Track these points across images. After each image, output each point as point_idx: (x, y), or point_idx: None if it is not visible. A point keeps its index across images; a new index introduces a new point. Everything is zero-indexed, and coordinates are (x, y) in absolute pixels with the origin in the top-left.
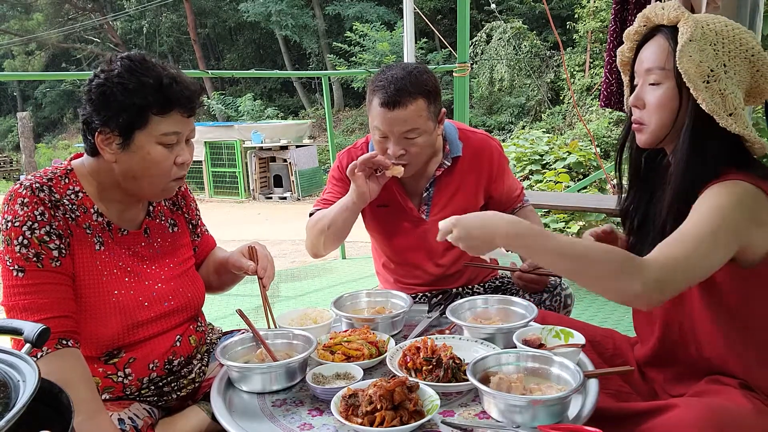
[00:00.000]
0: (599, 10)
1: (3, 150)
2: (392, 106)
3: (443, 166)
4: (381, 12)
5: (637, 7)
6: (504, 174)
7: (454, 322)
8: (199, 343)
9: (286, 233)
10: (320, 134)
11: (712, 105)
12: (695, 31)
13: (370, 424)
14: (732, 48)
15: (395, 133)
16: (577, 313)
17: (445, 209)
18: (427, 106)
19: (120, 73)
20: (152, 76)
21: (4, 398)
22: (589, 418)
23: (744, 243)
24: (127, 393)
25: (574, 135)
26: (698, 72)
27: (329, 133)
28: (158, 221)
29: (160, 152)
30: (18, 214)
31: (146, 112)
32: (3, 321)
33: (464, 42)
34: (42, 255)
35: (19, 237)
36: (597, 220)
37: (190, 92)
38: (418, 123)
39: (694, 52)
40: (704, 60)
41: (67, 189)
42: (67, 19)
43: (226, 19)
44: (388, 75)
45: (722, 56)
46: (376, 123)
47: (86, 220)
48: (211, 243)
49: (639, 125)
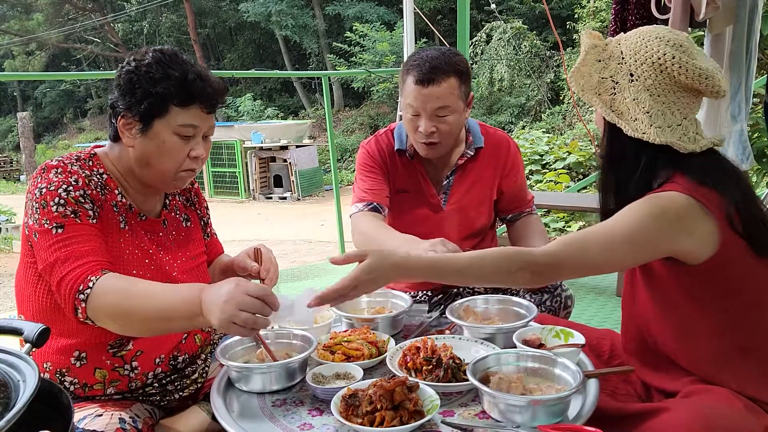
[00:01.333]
0: (599, 10)
1: (3, 150)
2: (426, 83)
3: (466, 155)
4: (381, 12)
5: (638, 7)
6: (517, 173)
7: (454, 322)
8: (204, 343)
9: (286, 233)
10: (320, 134)
11: (607, 113)
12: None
13: (370, 424)
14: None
15: (428, 110)
16: (576, 313)
17: (464, 199)
18: (459, 85)
19: (149, 63)
20: (179, 69)
21: (4, 398)
22: (588, 418)
23: (669, 251)
24: (131, 388)
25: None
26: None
27: (329, 133)
28: (174, 214)
29: (175, 142)
30: (53, 181)
31: (167, 102)
32: (3, 321)
33: (464, 42)
34: (79, 212)
35: (55, 198)
36: (597, 220)
37: (213, 90)
38: (450, 101)
39: (590, 66)
40: (600, 72)
41: (93, 169)
42: (68, 20)
43: (226, 19)
44: (423, 55)
45: (624, 68)
46: (409, 101)
47: (113, 198)
48: (218, 248)
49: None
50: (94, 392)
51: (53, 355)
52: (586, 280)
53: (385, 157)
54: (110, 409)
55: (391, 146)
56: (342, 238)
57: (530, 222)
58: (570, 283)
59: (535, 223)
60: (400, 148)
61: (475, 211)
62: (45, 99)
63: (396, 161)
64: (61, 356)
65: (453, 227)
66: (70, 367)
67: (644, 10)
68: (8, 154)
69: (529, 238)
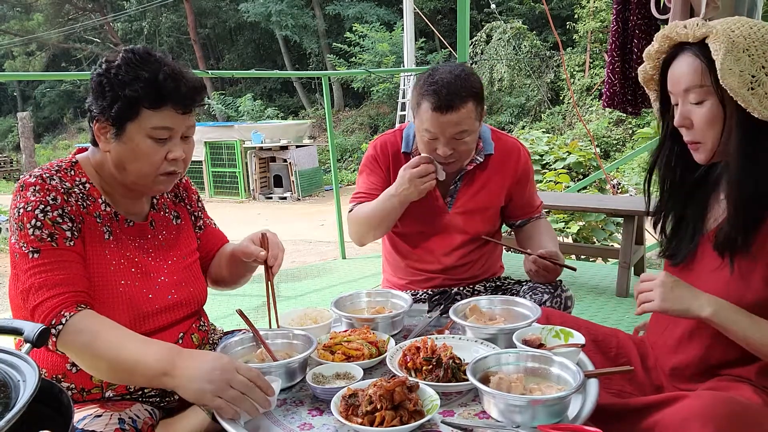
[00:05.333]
0: (599, 10)
1: (3, 150)
2: (445, 110)
3: (475, 161)
4: (381, 12)
5: (639, 7)
6: (528, 181)
7: (457, 321)
8: (201, 342)
9: (286, 233)
10: (320, 134)
11: (763, 110)
12: (728, 44)
13: (370, 424)
14: (765, 49)
15: (446, 135)
16: (576, 313)
17: (469, 203)
18: (476, 107)
19: (119, 65)
20: (149, 70)
21: (4, 398)
22: (592, 417)
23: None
24: (130, 390)
25: (574, 135)
26: (741, 82)
27: (329, 133)
28: (162, 213)
29: (149, 145)
30: (30, 200)
31: (138, 105)
32: (3, 321)
33: (464, 42)
34: (56, 235)
35: (32, 220)
36: (597, 220)
37: (188, 89)
38: (467, 124)
39: (733, 65)
40: (744, 69)
41: (75, 180)
42: (68, 20)
43: (226, 20)
44: (438, 79)
45: (758, 59)
46: (426, 126)
47: (96, 209)
48: (219, 237)
49: (695, 144)
50: (92, 396)
51: (48, 362)
52: (586, 279)
53: (390, 158)
54: (110, 410)
55: (397, 147)
56: (342, 238)
57: (539, 224)
58: (570, 283)
59: (544, 226)
60: (406, 151)
61: (481, 216)
62: (45, 99)
63: (401, 163)
64: (56, 363)
65: (457, 230)
66: (66, 373)
67: (646, 10)
68: (8, 154)
69: (538, 239)
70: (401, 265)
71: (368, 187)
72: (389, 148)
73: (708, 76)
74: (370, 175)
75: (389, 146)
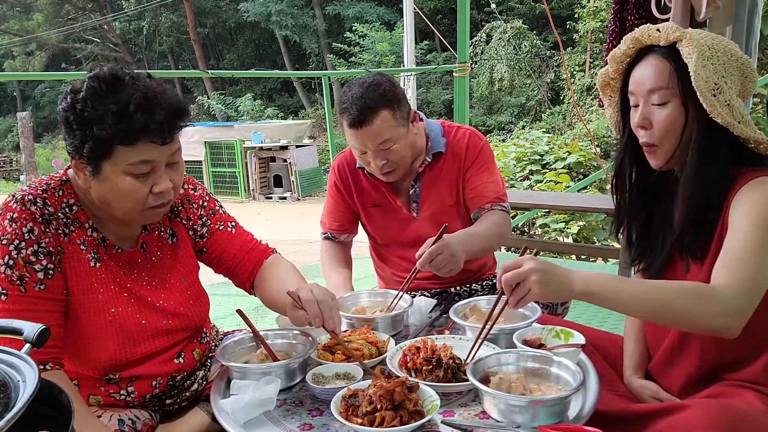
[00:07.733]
0: (599, 10)
1: (3, 150)
2: (359, 125)
3: (425, 162)
4: (381, 12)
5: (637, 7)
6: (480, 166)
7: (455, 321)
8: (202, 355)
9: (286, 233)
10: (320, 134)
11: (726, 117)
12: (699, 49)
13: (370, 424)
14: (725, 59)
15: (370, 148)
16: (576, 313)
17: (433, 206)
18: (393, 114)
19: (84, 98)
20: (117, 101)
21: (4, 398)
22: (594, 421)
23: None
24: (129, 407)
25: (574, 135)
26: (707, 87)
27: (329, 133)
28: (156, 233)
29: (129, 183)
30: (6, 231)
31: (110, 143)
32: (3, 321)
33: (464, 42)
34: (26, 278)
35: (5, 257)
36: (597, 220)
37: (165, 116)
38: (388, 133)
39: (701, 69)
40: (709, 75)
41: (62, 202)
42: (67, 19)
43: (226, 19)
44: (349, 96)
45: (719, 69)
46: (351, 143)
47: (81, 236)
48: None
49: (651, 147)
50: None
51: None
52: None
53: (349, 177)
54: (109, 411)
55: (353, 164)
56: None
57: (487, 217)
58: None
59: (487, 219)
60: (361, 166)
61: (448, 215)
62: (44, 99)
63: (360, 178)
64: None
65: (430, 234)
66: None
67: (643, 10)
68: (8, 154)
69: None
70: (387, 273)
71: (328, 211)
72: (347, 169)
73: (675, 79)
74: (331, 200)
75: (346, 166)
